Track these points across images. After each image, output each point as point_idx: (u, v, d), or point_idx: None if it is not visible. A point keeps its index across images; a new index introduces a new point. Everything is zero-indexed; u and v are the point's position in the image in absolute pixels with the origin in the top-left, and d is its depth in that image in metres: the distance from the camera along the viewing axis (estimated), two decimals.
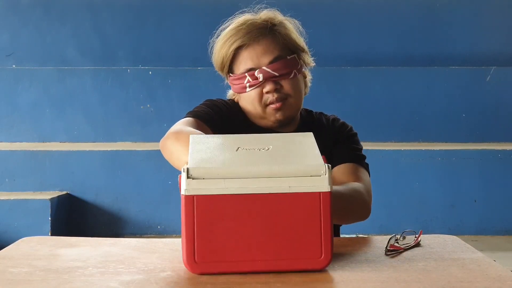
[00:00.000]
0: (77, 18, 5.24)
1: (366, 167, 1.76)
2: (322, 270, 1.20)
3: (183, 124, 1.63)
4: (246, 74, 1.72)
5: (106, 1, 5.24)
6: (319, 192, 1.18)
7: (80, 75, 5.00)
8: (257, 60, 1.72)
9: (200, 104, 1.78)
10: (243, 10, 1.81)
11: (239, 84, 1.74)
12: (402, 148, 4.53)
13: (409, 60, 5.18)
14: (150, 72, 5.01)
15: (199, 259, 1.17)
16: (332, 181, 1.68)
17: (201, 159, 1.23)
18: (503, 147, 4.53)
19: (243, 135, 1.39)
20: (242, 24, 1.74)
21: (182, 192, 1.16)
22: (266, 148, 1.28)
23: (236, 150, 1.27)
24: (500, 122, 4.94)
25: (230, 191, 1.16)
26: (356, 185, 1.64)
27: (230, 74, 1.78)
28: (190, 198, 1.16)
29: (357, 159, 1.75)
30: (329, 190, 1.18)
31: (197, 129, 1.60)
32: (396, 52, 5.20)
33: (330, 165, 1.20)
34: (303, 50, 1.78)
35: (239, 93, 1.77)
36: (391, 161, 4.33)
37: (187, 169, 1.17)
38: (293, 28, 1.78)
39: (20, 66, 5.11)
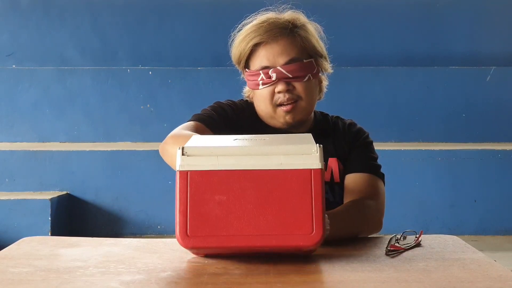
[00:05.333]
0: (77, 18, 5.23)
1: (382, 177, 1.75)
2: (314, 246, 1.20)
3: (182, 128, 1.65)
4: (260, 71, 1.72)
5: (106, 1, 5.24)
6: (310, 169, 1.20)
7: (80, 75, 5.00)
8: (273, 59, 1.72)
9: (207, 107, 1.79)
10: (268, 8, 1.81)
11: (253, 80, 1.75)
12: (402, 148, 4.53)
13: (409, 60, 5.18)
14: (150, 72, 5.01)
15: (191, 233, 1.19)
16: (349, 188, 1.69)
17: (197, 143, 1.29)
18: (503, 147, 4.53)
19: (244, 134, 1.41)
20: (263, 22, 1.74)
21: (177, 168, 1.20)
22: (263, 139, 1.32)
23: (234, 140, 1.32)
24: (500, 122, 4.94)
25: (223, 167, 1.20)
26: (368, 203, 1.64)
27: (246, 69, 1.78)
28: (184, 174, 1.20)
29: (374, 169, 1.74)
30: (320, 167, 1.20)
31: (196, 132, 1.61)
32: (396, 52, 5.20)
33: (321, 145, 1.22)
34: (321, 56, 1.77)
35: (253, 89, 1.77)
36: (391, 161, 4.32)
37: (182, 147, 1.21)
38: (314, 32, 1.77)
39: (20, 66, 5.11)
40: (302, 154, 1.20)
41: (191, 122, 1.69)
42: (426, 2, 5.30)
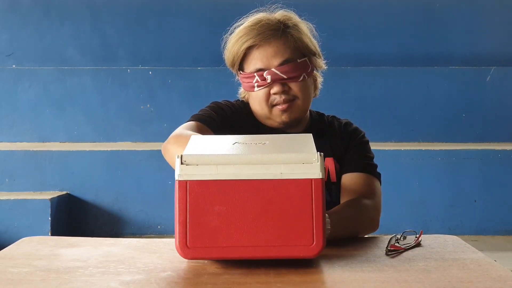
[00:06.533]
0: (77, 18, 5.23)
1: (378, 177, 1.76)
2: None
3: (184, 128, 1.65)
4: (255, 74, 1.72)
5: (106, 1, 5.24)
6: (311, 179, 1.18)
7: (80, 75, 5.00)
8: (267, 61, 1.72)
9: (205, 107, 1.79)
10: (259, 8, 1.80)
11: (248, 82, 1.75)
12: (402, 148, 4.53)
13: (409, 60, 5.18)
14: (150, 72, 5.01)
15: (191, 244, 1.18)
16: (346, 188, 1.69)
17: (196, 149, 1.27)
18: (503, 147, 4.53)
19: (243, 135, 1.40)
20: (255, 24, 1.74)
21: (176, 177, 1.18)
22: (262, 143, 1.30)
23: (233, 144, 1.30)
24: (500, 122, 4.93)
25: (223, 176, 1.18)
26: (364, 202, 1.64)
27: (241, 72, 1.78)
28: (183, 183, 1.18)
29: (370, 169, 1.75)
30: (320, 177, 1.18)
31: (198, 132, 1.61)
32: (396, 52, 5.20)
33: (322, 153, 1.20)
34: (315, 54, 1.78)
35: (248, 91, 1.78)
36: (391, 161, 4.33)
37: (181, 155, 1.19)
38: (307, 31, 1.77)
39: (20, 66, 5.11)
40: (303, 163, 1.18)
41: (192, 122, 1.70)
42: (426, 2, 5.30)
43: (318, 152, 1.20)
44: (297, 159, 1.19)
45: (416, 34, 5.25)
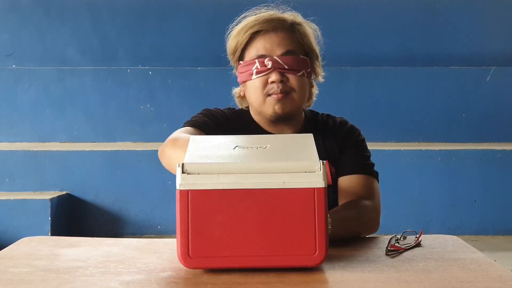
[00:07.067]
0: (77, 18, 5.24)
1: (376, 176, 1.75)
2: (316, 266, 1.20)
3: (180, 133, 1.64)
4: (256, 60, 1.72)
5: (106, 1, 5.24)
6: (314, 188, 1.17)
7: (80, 75, 5.00)
8: (270, 48, 1.72)
9: (197, 114, 1.78)
10: (268, 4, 1.81)
11: (246, 71, 1.74)
12: (402, 148, 4.53)
13: (409, 60, 5.18)
14: (150, 72, 5.01)
15: (193, 254, 1.17)
16: (344, 191, 1.69)
17: (197, 156, 1.25)
18: (503, 147, 4.53)
19: (243, 135, 1.40)
20: (264, 15, 1.76)
21: (177, 187, 1.17)
22: (264, 147, 1.29)
23: (234, 149, 1.28)
24: (500, 122, 4.94)
25: (225, 186, 1.17)
26: (364, 203, 1.64)
27: (240, 62, 1.77)
28: (184, 193, 1.17)
29: (368, 169, 1.74)
30: (323, 186, 1.17)
31: None
32: (396, 52, 5.20)
33: (325, 161, 1.19)
34: (317, 58, 1.79)
35: (245, 81, 1.76)
36: (391, 161, 4.33)
37: (182, 164, 1.18)
38: (312, 33, 1.79)
39: (20, 66, 5.11)
40: (305, 171, 1.18)
41: (188, 128, 1.69)
42: (426, 2, 5.30)
43: (321, 160, 1.19)
44: (300, 168, 1.18)
45: (416, 34, 5.25)
